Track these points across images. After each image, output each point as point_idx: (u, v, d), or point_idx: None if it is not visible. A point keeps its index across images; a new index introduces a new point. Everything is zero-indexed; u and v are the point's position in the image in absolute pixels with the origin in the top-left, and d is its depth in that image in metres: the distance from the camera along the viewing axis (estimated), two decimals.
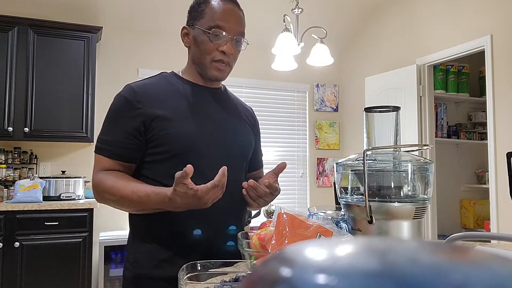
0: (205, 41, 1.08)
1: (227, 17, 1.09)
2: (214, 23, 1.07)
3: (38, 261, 2.90)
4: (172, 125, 1.05)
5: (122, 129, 1.05)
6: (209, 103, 1.15)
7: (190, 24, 1.13)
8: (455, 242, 0.81)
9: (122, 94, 1.08)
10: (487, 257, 0.19)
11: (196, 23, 1.10)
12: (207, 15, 1.08)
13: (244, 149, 1.19)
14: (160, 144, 1.05)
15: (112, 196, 1.01)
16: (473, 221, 4.08)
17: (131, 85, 1.09)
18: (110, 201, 1.03)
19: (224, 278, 0.74)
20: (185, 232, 1.04)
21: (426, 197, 0.87)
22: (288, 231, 0.77)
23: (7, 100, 3.16)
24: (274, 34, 3.10)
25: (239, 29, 1.11)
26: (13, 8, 3.39)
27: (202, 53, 1.10)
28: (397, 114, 0.93)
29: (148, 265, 1.04)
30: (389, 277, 0.17)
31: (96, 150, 1.08)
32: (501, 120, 2.89)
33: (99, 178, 1.04)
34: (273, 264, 0.20)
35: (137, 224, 1.09)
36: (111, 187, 1.01)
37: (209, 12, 1.08)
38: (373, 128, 0.93)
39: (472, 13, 3.11)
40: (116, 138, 1.05)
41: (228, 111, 1.19)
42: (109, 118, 1.09)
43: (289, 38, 2.57)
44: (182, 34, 1.15)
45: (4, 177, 3.25)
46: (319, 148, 4.53)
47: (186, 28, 1.14)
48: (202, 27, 1.08)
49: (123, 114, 1.06)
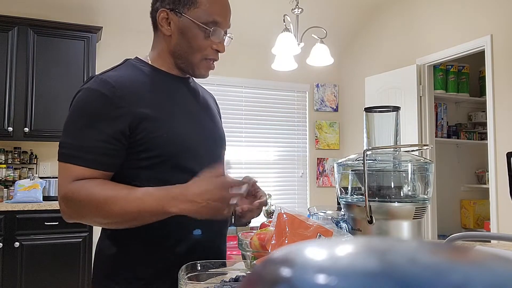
0: (199, 36, 0.96)
1: (224, 12, 0.98)
2: (212, 17, 0.95)
3: (38, 261, 2.90)
4: (162, 126, 0.92)
5: (102, 131, 0.87)
6: (187, 96, 1.03)
7: (172, 9, 0.96)
8: (455, 242, 0.81)
9: (96, 89, 0.89)
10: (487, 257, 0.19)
11: (185, 11, 0.95)
12: (202, 6, 0.95)
13: (223, 141, 1.12)
14: (149, 148, 0.91)
15: (98, 204, 0.83)
16: (473, 221, 4.08)
17: (104, 78, 0.91)
18: (92, 212, 0.85)
19: (224, 278, 0.74)
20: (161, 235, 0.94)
21: (426, 197, 0.87)
22: (288, 231, 0.77)
23: (7, 100, 3.16)
24: (274, 34, 3.10)
25: (229, 23, 1.01)
26: (13, 8, 3.39)
27: (193, 48, 0.97)
28: (397, 114, 0.93)
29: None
30: (389, 277, 0.17)
31: (64, 158, 0.88)
32: (501, 120, 2.89)
33: (76, 186, 0.85)
34: (273, 264, 0.20)
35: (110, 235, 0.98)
36: (97, 193, 0.84)
37: (204, 3, 0.95)
38: (373, 128, 0.93)
39: (472, 13, 3.11)
40: (95, 144, 0.87)
41: (201, 103, 1.08)
42: (81, 118, 0.89)
43: (289, 38, 2.57)
44: (160, 18, 0.98)
45: (4, 177, 3.25)
46: (319, 148, 4.53)
47: (167, 12, 0.96)
48: (197, 20, 0.94)
49: (103, 114, 0.88)
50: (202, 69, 1.01)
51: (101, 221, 0.87)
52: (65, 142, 0.90)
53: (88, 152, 0.87)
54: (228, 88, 4.08)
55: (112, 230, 0.97)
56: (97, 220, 0.88)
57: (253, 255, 0.81)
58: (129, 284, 0.94)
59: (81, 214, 0.88)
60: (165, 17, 0.98)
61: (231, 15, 1.02)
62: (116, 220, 0.85)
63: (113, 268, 0.96)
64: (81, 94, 0.91)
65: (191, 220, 0.85)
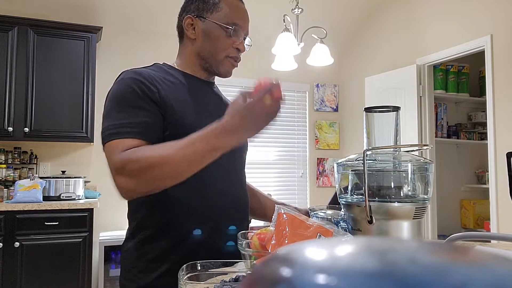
0: (221, 36, 1.06)
1: (243, 16, 1.09)
2: (232, 20, 1.06)
3: (38, 261, 2.90)
4: (186, 119, 0.98)
5: (145, 108, 0.94)
6: (211, 98, 1.12)
7: (197, 15, 1.07)
8: (455, 242, 0.81)
9: (130, 77, 0.97)
10: (487, 257, 0.19)
11: (208, 15, 1.06)
12: (223, 10, 1.06)
13: (244, 146, 1.17)
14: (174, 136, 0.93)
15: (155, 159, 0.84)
16: (473, 221, 4.08)
17: (134, 70, 1.00)
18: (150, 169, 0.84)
19: (224, 278, 0.74)
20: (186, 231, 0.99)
21: (426, 197, 0.87)
22: (288, 231, 0.77)
23: (7, 100, 3.16)
24: (274, 34, 3.10)
25: (248, 29, 1.12)
26: (13, 8, 3.39)
27: (216, 48, 1.06)
28: (397, 114, 0.93)
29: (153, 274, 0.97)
30: (389, 277, 0.17)
31: (109, 138, 0.91)
32: (501, 120, 2.89)
33: (127, 152, 0.87)
34: (273, 264, 0.20)
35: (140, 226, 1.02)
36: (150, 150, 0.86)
37: (225, 8, 1.06)
38: (373, 128, 0.93)
39: (472, 13, 3.11)
40: (142, 119, 0.93)
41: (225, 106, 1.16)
42: (122, 100, 0.95)
43: (289, 38, 2.57)
44: (185, 24, 1.08)
45: (4, 177, 3.25)
46: (319, 148, 4.53)
47: (192, 18, 1.08)
48: (219, 22, 1.05)
49: (142, 93, 0.95)
50: (226, 66, 1.09)
51: (158, 174, 0.85)
52: (108, 125, 0.93)
53: (133, 126, 0.92)
54: (228, 88, 4.08)
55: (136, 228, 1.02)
56: (155, 176, 0.85)
57: (253, 255, 0.81)
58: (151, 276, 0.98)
59: (138, 177, 0.85)
60: (190, 23, 1.08)
61: (249, 22, 1.12)
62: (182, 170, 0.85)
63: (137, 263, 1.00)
64: (115, 87, 0.98)
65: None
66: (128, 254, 1.03)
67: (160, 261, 0.98)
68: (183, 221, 0.99)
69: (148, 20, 3.78)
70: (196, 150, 0.84)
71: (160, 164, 0.84)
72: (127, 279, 1.02)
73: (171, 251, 0.98)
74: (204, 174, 0.91)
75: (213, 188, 1.03)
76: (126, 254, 1.04)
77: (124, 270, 1.04)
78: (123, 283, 1.03)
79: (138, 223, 1.03)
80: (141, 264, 0.99)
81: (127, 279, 1.02)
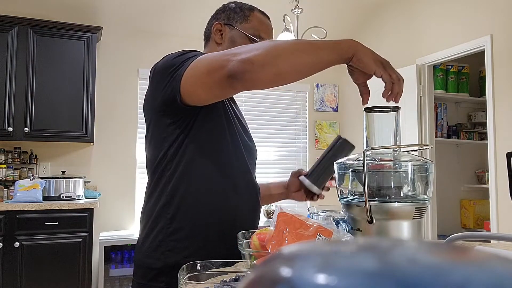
0: (245, 44, 1.10)
1: (269, 32, 1.16)
2: (259, 33, 1.13)
3: (38, 261, 2.90)
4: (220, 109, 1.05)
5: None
6: (231, 100, 1.18)
7: (226, 23, 1.14)
8: (455, 242, 0.81)
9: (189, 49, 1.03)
10: (487, 257, 0.19)
11: (237, 25, 1.13)
12: (252, 22, 1.13)
13: (255, 150, 1.22)
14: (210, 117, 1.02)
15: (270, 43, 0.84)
16: (473, 221, 4.08)
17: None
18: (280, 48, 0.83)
19: (224, 278, 0.74)
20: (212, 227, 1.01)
21: (426, 197, 0.87)
22: (288, 231, 0.77)
23: (7, 100, 3.16)
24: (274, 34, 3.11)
25: None
26: (13, 8, 3.39)
27: None
28: (397, 114, 0.93)
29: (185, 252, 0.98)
30: (389, 277, 0.17)
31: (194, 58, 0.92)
32: (501, 120, 2.89)
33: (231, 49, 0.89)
34: (273, 264, 0.20)
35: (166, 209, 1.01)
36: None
37: (254, 21, 1.14)
38: (373, 128, 0.93)
39: (472, 13, 3.11)
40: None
41: (240, 111, 1.23)
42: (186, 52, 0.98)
43: (289, 38, 2.57)
44: (214, 29, 1.15)
45: (4, 177, 3.25)
46: (319, 148, 4.53)
47: (221, 25, 1.14)
48: (247, 32, 1.12)
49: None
50: None
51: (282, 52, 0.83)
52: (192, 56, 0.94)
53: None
54: None
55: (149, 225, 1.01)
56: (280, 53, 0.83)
57: (253, 255, 0.81)
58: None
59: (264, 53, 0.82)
60: (219, 28, 1.14)
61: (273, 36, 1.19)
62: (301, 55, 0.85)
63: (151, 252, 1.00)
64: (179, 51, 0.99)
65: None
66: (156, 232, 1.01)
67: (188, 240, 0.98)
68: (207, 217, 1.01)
69: (148, 20, 3.78)
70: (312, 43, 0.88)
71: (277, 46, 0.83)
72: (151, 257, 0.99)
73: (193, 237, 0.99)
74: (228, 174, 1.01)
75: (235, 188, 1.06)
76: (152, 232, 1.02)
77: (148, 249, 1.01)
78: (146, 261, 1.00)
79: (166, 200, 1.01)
80: (170, 242, 0.98)
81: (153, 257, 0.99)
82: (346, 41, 0.90)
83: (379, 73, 0.91)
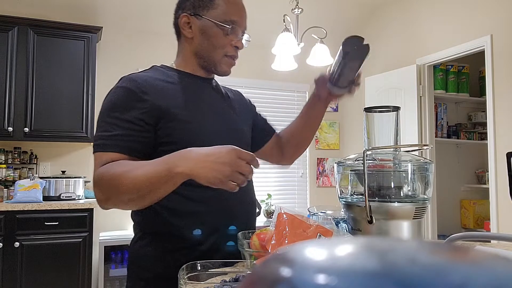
0: (219, 35, 1.03)
1: (240, 12, 1.06)
2: (229, 17, 1.03)
3: (38, 261, 2.90)
4: (184, 121, 0.98)
5: (131, 121, 0.93)
6: (210, 95, 1.10)
7: (193, 13, 1.04)
8: (455, 242, 0.81)
9: (123, 86, 0.97)
10: (487, 257, 0.19)
11: (205, 13, 1.03)
12: (219, 7, 1.03)
13: (248, 141, 1.17)
14: (172, 141, 0.96)
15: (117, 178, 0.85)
16: (473, 221, 4.08)
17: (130, 76, 0.99)
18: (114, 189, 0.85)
19: (224, 278, 0.74)
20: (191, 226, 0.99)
21: (426, 197, 0.87)
22: (288, 231, 0.77)
23: (7, 100, 3.16)
24: (274, 34, 3.10)
25: (246, 24, 1.09)
26: (13, 8, 3.39)
27: (214, 46, 1.04)
28: (397, 114, 0.93)
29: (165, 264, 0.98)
30: (389, 277, 0.17)
31: (99, 148, 0.93)
32: (501, 120, 2.89)
33: (103, 168, 0.89)
34: (273, 264, 0.20)
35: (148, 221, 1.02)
36: (117, 169, 0.86)
37: (221, 4, 1.03)
38: (373, 128, 0.93)
39: (472, 13, 3.11)
40: (125, 132, 0.93)
41: (225, 101, 1.15)
42: (110, 111, 0.95)
43: (289, 38, 2.57)
44: (182, 23, 1.05)
45: (4, 177, 3.25)
46: (319, 148, 4.53)
47: (188, 16, 1.05)
48: (216, 20, 1.02)
49: (130, 105, 0.94)
50: (224, 65, 1.07)
51: (121, 198, 0.87)
52: (96, 135, 0.96)
53: (115, 139, 0.93)
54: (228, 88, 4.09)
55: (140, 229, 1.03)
56: (120, 198, 0.87)
57: (253, 255, 0.81)
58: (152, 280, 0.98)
59: (108, 195, 0.88)
60: (186, 21, 1.06)
61: (246, 17, 1.09)
62: (130, 192, 0.84)
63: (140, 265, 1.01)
64: (110, 94, 0.99)
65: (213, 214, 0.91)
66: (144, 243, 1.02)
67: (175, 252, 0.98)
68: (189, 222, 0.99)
69: (148, 20, 3.78)
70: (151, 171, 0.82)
71: (120, 190, 0.85)
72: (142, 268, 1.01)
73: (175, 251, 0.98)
74: None
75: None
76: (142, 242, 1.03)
77: (137, 259, 1.03)
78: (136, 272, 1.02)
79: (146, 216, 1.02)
80: (158, 253, 0.99)
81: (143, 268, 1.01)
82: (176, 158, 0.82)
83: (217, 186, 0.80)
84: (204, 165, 0.78)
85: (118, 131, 0.93)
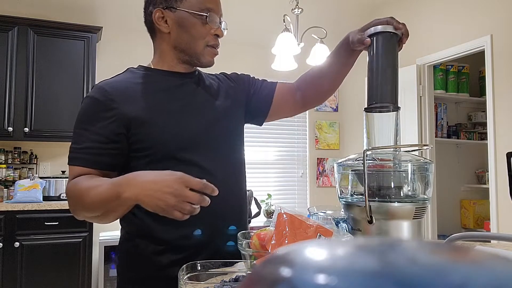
0: (197, 25, 0.99)
1: (215, 0, 1.03)
2: (204, 5, 0.99)
3: (38, 261, 2.90)
4: (156, 124, 0.95)
5: (97, 133, 0.93)
6: (188, 91, 1.05)
7: (166, 7, 1.00)
8: (455, 242, 0.81)
9: (92, 96, 0.96)
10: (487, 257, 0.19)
11: (179, 5, 0.99)
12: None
13: (234, 129, 1.10)
14: (144, 147, 0.95)
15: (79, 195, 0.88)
16: (473, 221, 4.08)
17: (99, 84, 0.99)
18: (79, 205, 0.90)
19: (224, 278, 0.74)
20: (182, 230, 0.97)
21: (426, 197, 0.87)
22: (288, 231, 0.77)
23: (7, 100, 3.16)
24: (274, 34, 3.10)
25: (221, 11, 1.05)
26: (13, 8, 3.39)
27: (194, 38, 1.00)
28: (397, 114, 0.93)
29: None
30: (389, 277, 0.17)
31: (69, 161, 0.95)
32: (501, 120, 2.89)
33: (71, 182, 0.91)
34: (273, 264, 0.20)
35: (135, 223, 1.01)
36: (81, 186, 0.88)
37: None
38: (373, 128, 0.93)
39: (472, 13, 3.11)
40: (92, 144, 0.93)
41: (210, 92, 1.09)
42: (80, 123, 0.95)
43: (289, 38, 2.57)
44: (156, 18, 1.00)
45: (4, 177, 3.25)
46: (319, 148, 4.53)
47: (161, 11, 1.00)
48: (192, 10, 0.98)
49: (97, 116, 0.94)
50: (207, 56, 1.04)
51: (85, 214, 0.91)
52: (70, 147, 0.97)
53: (83, 152, 0.93)
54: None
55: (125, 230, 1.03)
56: (85, 214, 0.91)
57: (253, 255, 0.81)
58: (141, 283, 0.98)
59: (76, 209, 0.92)
60: (160, 16, 1.01)
61: (221, 3, 1.05)
62: (92, 211, 0.88)
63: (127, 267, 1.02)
64: (82, 103, 0.99)
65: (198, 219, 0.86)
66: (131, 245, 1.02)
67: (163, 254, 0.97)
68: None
69: None
70: (102, 194, 0.84)
71: (82, 207, 0.89)
72: (130, 270, 1.01)
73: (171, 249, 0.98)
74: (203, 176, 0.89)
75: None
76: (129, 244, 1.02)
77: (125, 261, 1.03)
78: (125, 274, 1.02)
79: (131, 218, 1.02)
80: (145, 256, 0.98)
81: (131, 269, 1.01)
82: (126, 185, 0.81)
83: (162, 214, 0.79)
84: (148, 193, 0.77)
85: (86, 143, 0.93)
